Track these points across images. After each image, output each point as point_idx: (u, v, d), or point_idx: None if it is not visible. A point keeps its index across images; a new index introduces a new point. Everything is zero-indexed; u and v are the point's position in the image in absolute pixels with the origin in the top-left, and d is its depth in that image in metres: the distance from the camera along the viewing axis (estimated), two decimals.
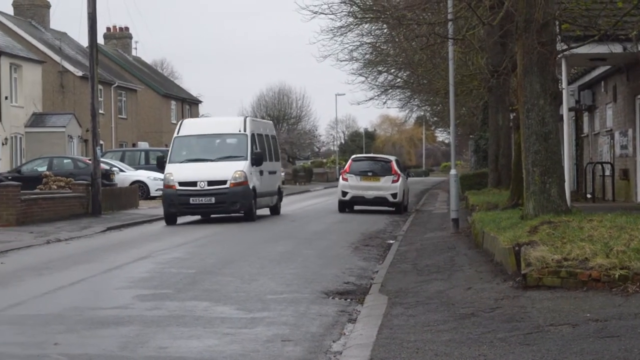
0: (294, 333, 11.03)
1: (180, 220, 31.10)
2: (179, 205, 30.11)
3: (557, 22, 18.48)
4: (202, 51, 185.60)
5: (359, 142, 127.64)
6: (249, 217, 30.54)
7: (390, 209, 36.20)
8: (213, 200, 29.96)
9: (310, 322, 11.79)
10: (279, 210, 34.99)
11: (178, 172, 30.45)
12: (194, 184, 30.08)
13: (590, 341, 9.31)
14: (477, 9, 19.79)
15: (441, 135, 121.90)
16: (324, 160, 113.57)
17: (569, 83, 27.40)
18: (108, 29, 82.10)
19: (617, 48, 20.84)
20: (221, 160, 31.13)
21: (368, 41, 40.20)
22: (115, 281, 16.13)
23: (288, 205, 42.88)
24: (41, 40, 60.91)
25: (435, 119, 79.65)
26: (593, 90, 31.99)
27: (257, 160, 31.23)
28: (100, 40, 76.33)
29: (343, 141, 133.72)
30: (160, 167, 32.63)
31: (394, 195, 35.56)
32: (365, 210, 36.76)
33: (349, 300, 13.79)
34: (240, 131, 31.73)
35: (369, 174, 36.10)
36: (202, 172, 30.35)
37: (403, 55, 37.22)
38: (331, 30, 35.72)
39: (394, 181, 35.72)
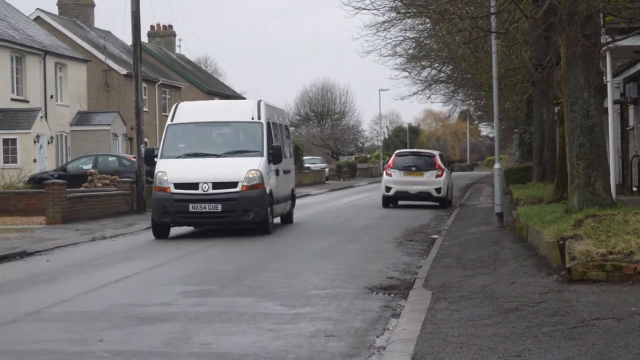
0: (337, 328, 11.02)
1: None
2: (174, 213, 23.63)
3: (601, 15, 18.32)
4: (245, 48, 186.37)
5: (402, 137, 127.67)
6: (263, 229, 24.12)
7: (434, 203, 36.14)
8: (219, 207, 23.46)
9: (353, 317, 11.78)
10: (292, 218, 28.61)
11: (173, 170, 24.05)
12: (194, 186, 23.71)
13: (636, 335, 9.23)
14: (520, 2, 19.68)
15: (485, 130, 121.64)
16: (368, 156, 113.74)
17: (614, 76, 27.15)
18: (152, 27, 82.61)
19: None
20: (230, 156, 24.56)
21: (411, 36, 40.22)
22: (159, 278, 16.22)
23: (331, 201, 42.99)
24: (86, 39, 61.34)
25: (479, 113, 79.49)
26: (638, 83, 31.70)
27: (275, 157, 24.89)
28: (144, 38, 76.78)
29: (387, 136, 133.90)
30: (149, 163, 26.47)
31: (438, 190, 35.53)
32: (409, 205, 36.70)
33: (392, 295, 13.76)
34: (253, 118, 25.09)
35: (413, 168, 36.07)
36: (205, 171, 23.90)
37: (446, 49, 37.16)
38: (374, 25, 35.81)
39: (437, 176, 35.69)
